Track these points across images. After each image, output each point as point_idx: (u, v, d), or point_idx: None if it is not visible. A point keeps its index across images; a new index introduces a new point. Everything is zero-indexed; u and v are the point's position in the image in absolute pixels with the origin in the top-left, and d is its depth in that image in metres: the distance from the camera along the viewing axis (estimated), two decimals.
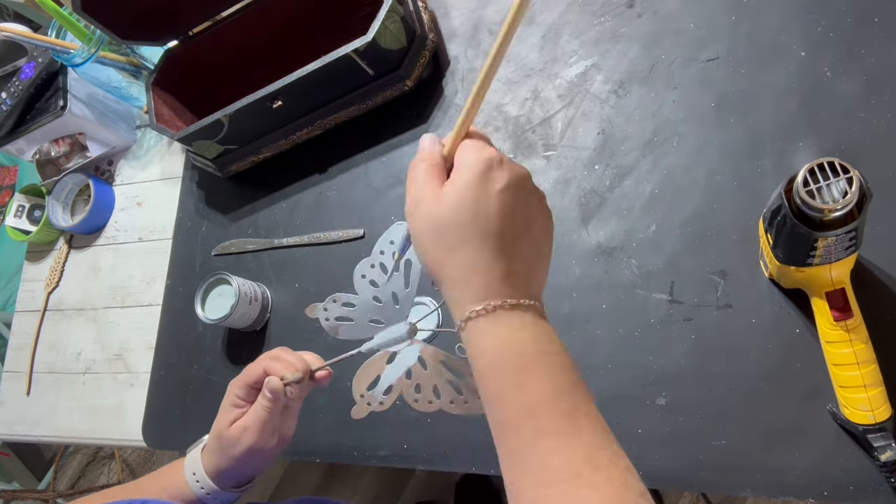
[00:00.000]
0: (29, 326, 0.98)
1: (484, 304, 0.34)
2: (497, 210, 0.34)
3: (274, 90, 0.73)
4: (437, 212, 0.35)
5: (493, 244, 0.34)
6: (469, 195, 0.34)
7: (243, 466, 0.50)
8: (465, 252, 0.34)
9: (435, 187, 0.36)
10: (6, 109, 0.92)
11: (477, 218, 0.34)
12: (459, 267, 0.34)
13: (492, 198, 0.34)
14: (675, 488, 0.59)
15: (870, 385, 0.49)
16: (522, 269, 0.35)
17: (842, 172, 0.43)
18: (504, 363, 0.33)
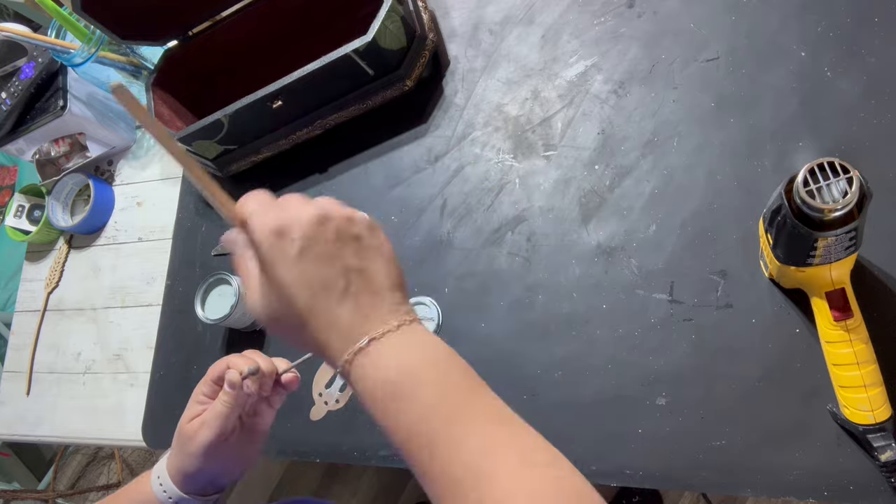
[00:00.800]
0: (29, 326, 0.98)
1: (342, 362, 0.35)
2: (305, 280, 0.35)
3: (274, 90, 0.73)
4: (262, 311, 0.36)
5: (322, 305, 0.35)
6: (271, 288, 0.35)
7: (205, 468, 0.48)
8: (304, 330, 0.35)
9: (250, 278, 0.36)
10: (6, 109, 0.92)
11: (292, 300, 0.35)
12: (309, 341, 0.36)
13: (293, 274, 0.35)
14: (675, 488, 0.59)
15: (870, 385, 0.49)
16: (366, 301, 0.36)
17: (842, 172, 0.43)
18: (377, 397, 0.34)
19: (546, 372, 0.64)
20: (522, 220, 0.70)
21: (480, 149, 0.75)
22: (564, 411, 0.63)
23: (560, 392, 0.63)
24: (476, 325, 0.69)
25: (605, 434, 0.61)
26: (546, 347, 0.65)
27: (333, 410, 0.51)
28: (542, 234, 0.69)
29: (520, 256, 0.69)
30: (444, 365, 0.35)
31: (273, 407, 0.51)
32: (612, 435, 0.60)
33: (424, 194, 0.76)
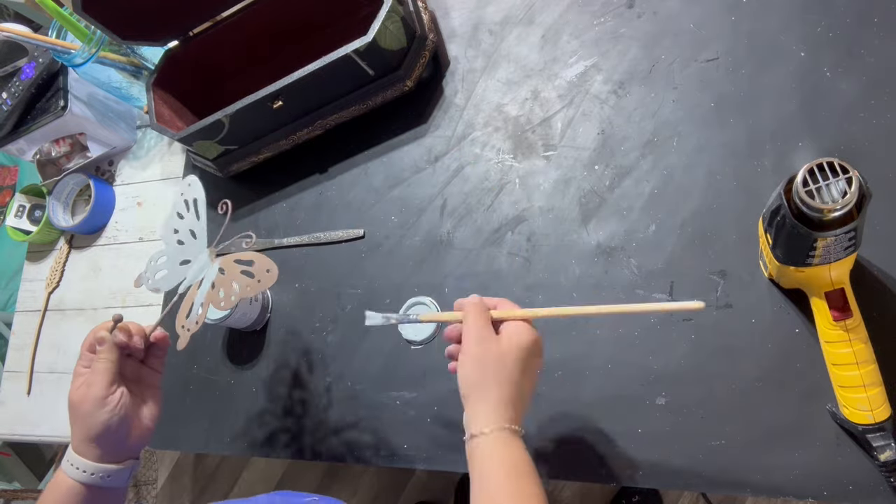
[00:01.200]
0: (29, 326, 0.98)
1: (497, 426, 0.46)
2: (527, 370, 0.49)
3: (274, 90, 0.73)
4: (501, 351, 0.48)
5: (514, 390, 0.48)
6: (523, 353, 0.49)
7: (104, 431, 0.50)
8: (508, 387, 0.48)
9: (492, 331, 0.50)
10: (7, 109, 0.92)
11: (524, 370, 0.49)
12: (494, 395, 0.47)
13: (529, 363, 0.49)
14: (675, 488, 0.59)
15: (869, 385, 0.49)
16: (521, 409, 0.49)
17: (841, 172, 0.43)
18: (499, 466, 0.45)
19: (546, 372, 0.64)
20: (522, 220, 0.70)
21: (480, 149, 0.75)
22: (564, 411, 0.63)
23: (560, 392, 0.63)
24: None
25: (605, 434, 0.61)
26: (546, 347, 0.65)
27: (196, 332, 0.55)
28: (542, 234, 0.69)
29: (520, 256, 0.69)
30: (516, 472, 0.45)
31: (155, 369, 0.57)
32: (612, 435, 0.60)
33: (424, 194, 0.76)
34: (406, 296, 0.72)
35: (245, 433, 0.76)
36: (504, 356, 0.48)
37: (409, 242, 0.75)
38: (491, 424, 0.46)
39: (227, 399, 0.79)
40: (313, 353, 0.76)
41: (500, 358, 0.48)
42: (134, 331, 0.54)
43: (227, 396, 0.79)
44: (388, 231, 0.76)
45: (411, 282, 0.73)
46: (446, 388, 0.68)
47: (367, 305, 0.75)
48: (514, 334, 0.49)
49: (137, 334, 0.55)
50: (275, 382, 0.77)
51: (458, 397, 0.48)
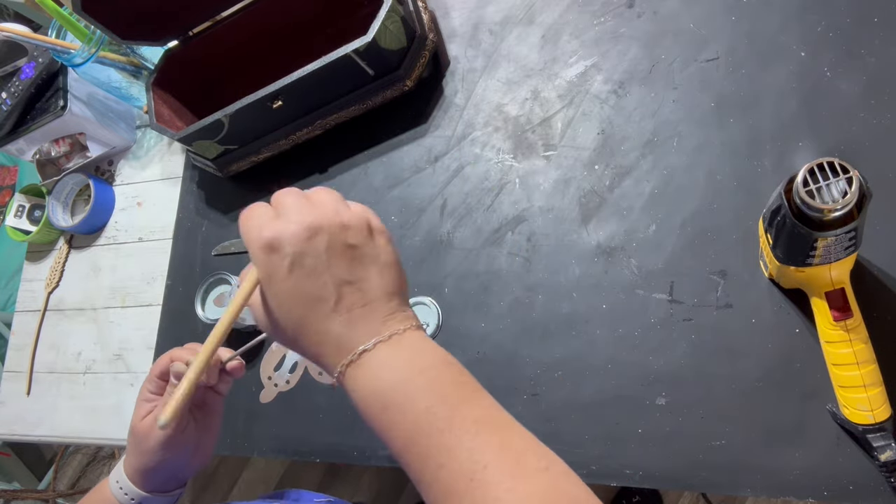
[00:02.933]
0: (29, 326, 0.98)
1: (336, 374, 0.36)
2: (297, 295, 0.36)
3: (274, 90, 0.73)
4: (261, 322, 0.38)
5: (313, 318, 0.36)
6: (268, 301, 0.36)
7: (163, 464, 0.47)
8: (299, 341, 0.37)
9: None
10: (6, 109, 0.92)
11: (286, 314, 0.36)
12: (306, 351, 0.37)
13: (284, 289, 0.36)
14: (675, 488, 0.59)
15: (869, 385, 0.49)
16: (357, 313, 0.36)
17: (841, 172, 0.43)
18: (370, 408, 0.35)
19: (546, 372, 0.64)
20: (522, 220, 0.70)
21: (480, 149, 0.75)
22: (564, 411, 0.63)
23: (560, 392, 0.63)
24: (476, 325, 0.69)
25: (605, 434, 0.61)
26: (546, 347, 0.65)
27: (284, 391, 0.51)
28: (542, 234, 0.69)
29: (520, 256, 0.69)
30: (435, 373, 0.35)
31: (221, 395, 0.52)
32: (612, 435, 0.60)
33: (424, 194, 0.76)
34: None
35: (245, 433, 0.76)
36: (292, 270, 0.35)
37: (409, 242, 0.75)
38: (332, 370, 0.36)
39: (227, 399, 0.78)
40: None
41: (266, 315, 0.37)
42: (212, 361, 0.48)
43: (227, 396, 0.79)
44: (389, 231, 0.76)
45: (411, 282, 0.73)
46: None
47: None
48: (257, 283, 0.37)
49: (213, 365, 0.49)
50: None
51: None
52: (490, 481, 0.31)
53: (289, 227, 0.36)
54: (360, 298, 0.36)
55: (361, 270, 0.37)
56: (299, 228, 0.36)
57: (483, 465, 0.31)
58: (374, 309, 0.36)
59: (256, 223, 0.37)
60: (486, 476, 0.31)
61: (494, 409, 0.34)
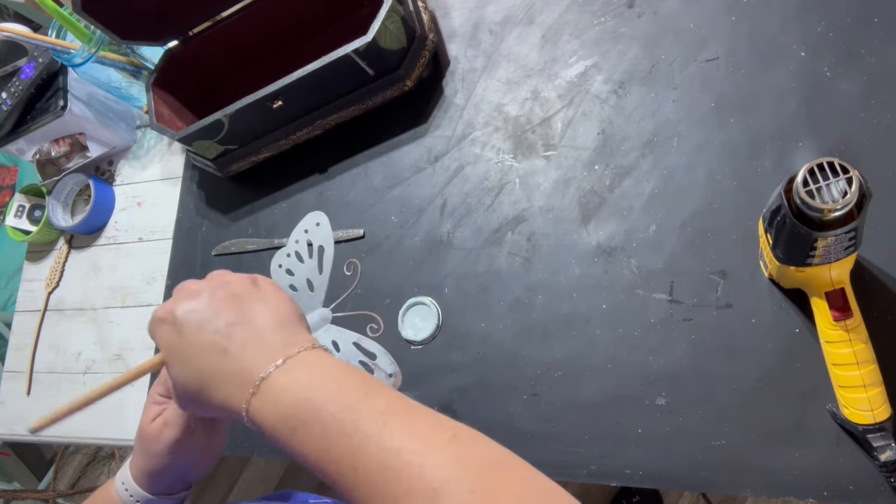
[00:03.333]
0: (29, 326, 0.98)
1: (242, 410, 0.36)
2: (191, 351, 0.38)
3: (274, 90, 0.73)
4: (176, 398, 0.41)
5: (213, 367, 0.37)
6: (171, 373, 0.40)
7: (171, 467, 0.47)
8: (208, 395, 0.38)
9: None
10: (6, 109, 0.92)
11: (189, 373, 0.38)
12: (216, 405, 0.38)
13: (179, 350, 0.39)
14: (675, 488, 0.59)
15: (869, 385, 0.49)
16: (251, 348, 0.37)
17: (841, 172, 0.43)
18: (280, 434, 0.35)
19: (546, 372, 0.64)
20: (522, 220, 0.70)
21: (480, 149, 0.75)
22: (564, 411, 0.63)
23: (560, 392, 0.63)
24: (476, 325, 0.69)
25: (605, 434, 0.61)
26: (546, 347, 0.65)
27: None
28: (542, 234, 0.69)
29: (520, 256, 0.69)
30: (334, 384, 0.35)
31: None
32: (612, 435, 0.60)
33: (424, 194, 0.76)
34: (406, 296, 0.72)
35: (245, 433, 0.76)
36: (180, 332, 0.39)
37: (409, 242, 0.75)
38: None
39: None
40: None
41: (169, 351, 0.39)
42: None
43: None
44: (388, 231, 0.76)
45: (411, 282, 0.73)
46: (447, 387, 0.68)
47: (367, 305, 0.75)
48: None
49: None
50: None
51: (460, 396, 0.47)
52: (403, 464, 0.31)
53: (175, 300, 0.40)
54: (250, 335, 0.38)
55: (248, 310, 0.39)
56: (183, 296, 0.40)
57: (394, 452, 0.32)
58: (266, 340, 0.38)
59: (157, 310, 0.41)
60: (399, 461, 0.31)
61: (397, 399, 0.35)
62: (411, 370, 0.70)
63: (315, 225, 0.52)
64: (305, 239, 0.53)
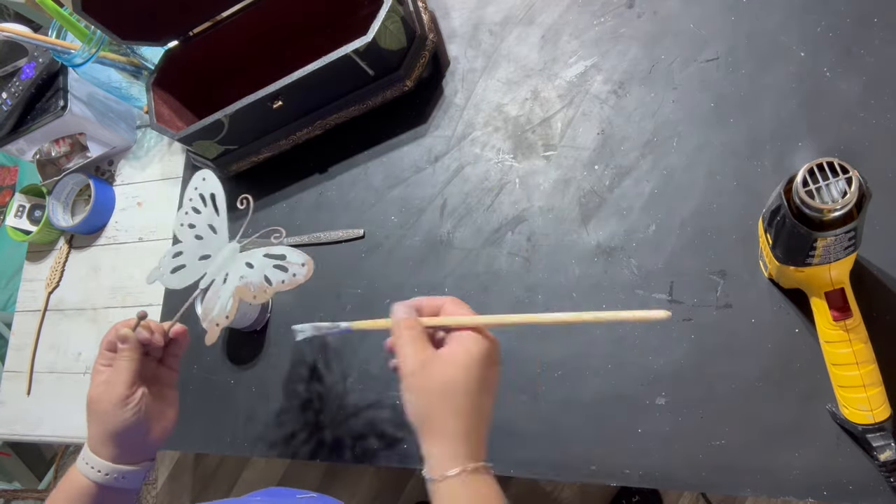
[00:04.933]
0: (29, 326, 0.98)
1: (462, 468, 0.41)
2: (484, 388, 0.43)
3: (274, 90, 0.73)
4: (446, 376, 0.43)
5: (472, 418, 0.42)
6: (475, 371, 0.42)
7: (122, 427, 0.50)
8: (465, 418, 0.42)
9: (431, 350, 0.44)
10: (7, 109, 0.92)
11: (481, 390, 0.43)
12: (449, 429, 0.42)
13: (485, 378, 0.43)
14: (675, 488, 0.59)
15: (869, 385, 0.49)
16: (484, 433, 0.43)
17: (841, 172, 0.43)
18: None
19: (546, 372, 0.64)
20: (522, 220, 0.70)
21: (480, 149, 0.75)
22: (564, 411, 0.63)
23: (560, 392, 0.63)
24: None
25: (605, 434, 0.61)
26: (546, 347, 0.65)
27: (225, 326, 0.55)
28: (542, 234, 0.69)
29: (520, 256, 0.69)
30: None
31: (172, 368, 0.57)
32: (612, 435, 0.60)
33: (424, 194, 0.76)
34: (406, 296, 0.72)
35: (245, 433, 0.76)
36: (452, 381, 0.42)
37: (409, 242, 0.75)
38: (452, 466, 0.41)
39: (227, 399, 0.79)
40: (314, 353, 0.76)
41: (448, 384, 0.42)
42: (154, 328, 0.54)
43: (227, 396, 0.79)
44: (388, 231, 0.76)
45: (411, 282, 0.73)
46: None
47: (367, 305, 0.75)
48: (460, 351, 0.43)
49: (157, 332, 0.54)
50: (275, 383, 0.77)
51: None
52: None
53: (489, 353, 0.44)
54: (487, 419, 0.44)
55: (489, 398, 0.44)
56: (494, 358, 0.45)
57: None
58: (485, 431, 0.44)
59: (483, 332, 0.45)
60: None
61: None
62: None
63: (202, 180, 0.59)
64: (197, 194, 0.58)
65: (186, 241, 0.61)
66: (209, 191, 0.60)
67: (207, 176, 0.60)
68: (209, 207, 0.60)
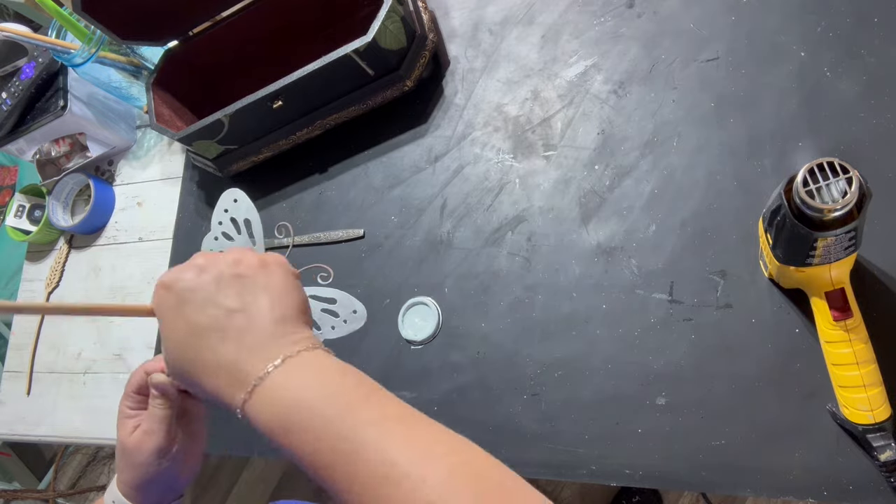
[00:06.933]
0: (29, 326, 0.98)
1: (236, 407, 0.36)
2: (187, 327, 0.38)
3: (274, 90, 0.73)
4: (167, 365, 0.40)
5: (206, 348, 0.37)
6: (165, 340, 0.39)
7: (157, 476, 0.47)
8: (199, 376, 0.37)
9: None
10: (7, 109, 0.92)
11: (181, 348, 0.38)
12: (207, 387, 0.37)
13: (176, 323, 0.38)
14: (675, 488, 0.59)
15: (869, 385, 0.49)
16: (249, 339, 0.37)
17: (841, 172, 0.43)
18: (275, 434, 0.35)
19: (546, 372, 0.64)
20: (522, 220, 0.70)
21: (480, 149, 0.75)
22: (564, 411, 0.63)
23: (560, 392, 0.63)
24: (476, 325, 0.69)
25: (605, 434, 0.61)
26: (546, 347, 0.65)
27: None
28: (542, 234, 0.69)
29: (520, 256, 0.69)
30: (332, 386, 0.35)
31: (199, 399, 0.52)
32: (612, 435, 0.60)
33: (424, 194, 0.76)
34: (406, 296, 0.72)
35: (245, 433, 0.76)
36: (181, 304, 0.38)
37: (409, 242, 0.75)
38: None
39: None
40: None
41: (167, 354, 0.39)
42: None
43: None
44: (388, 231, 0.76)
45: (411, 282, 0.73)
46: (446, 387, 0.68)
47: (367, 305, 0.75)
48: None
49: None
50: None
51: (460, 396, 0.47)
52: (401, 475, 0.31)
53: (183, 269, 0.40)
54: (250, 326, 0.37)
55: (250, 297, 0.38)
56: (189, 267, 0.40)
57: (391, 462, 0.31)
58: (266, 334, 0.37)
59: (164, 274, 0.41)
60: (396, 471, 0.31)
61: (397, 405, 0.35)
62: (411, 370, 0.70)
63: (233, 202, 0.52)
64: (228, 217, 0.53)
65: None
66: (242, 216, 0.53)
67: (239, 197, 0.53)
68: (243, 235, 0.54)
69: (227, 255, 0.40)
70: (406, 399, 0.70)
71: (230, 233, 0.52)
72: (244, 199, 0.51)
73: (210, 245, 0.53)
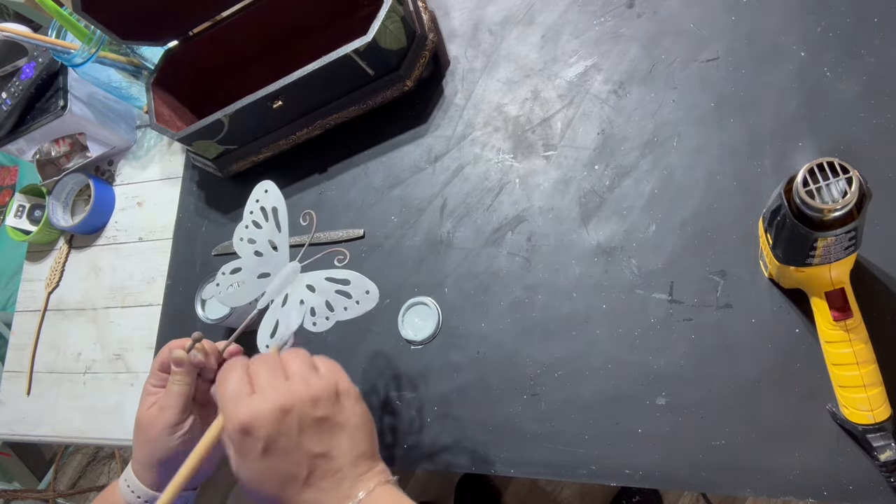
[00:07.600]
0: (29, 326, 0.98)
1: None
2: (271, 475, 0.39)
3: (274, 90, 0.73)
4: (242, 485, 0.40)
5: (288, 495, 0.39)
6: (243, 475, 0.40)
7: (169, 454, 0.48)
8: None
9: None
10: (6, 109, 0.92)
11: (262, 489, 0.39)
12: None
13: (261, 469, 0.39)
14: (675, 488, 0.59)
15: (869, 385, 0.49)
16: (326, 484, 0.39)
17: (841, 172, 0.43)
18: None
19: (546, 372, 0.64)
20: (522, 220, 0.70)
21: (480, 149, 0.75)
22: (564, 411, 0.63)
23: (560, 392, 0.63)
24: (476, 325, 0.69)
25: (605, 434, 0.61)
26: (546, 347, 0.65)
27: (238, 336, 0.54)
28: (542, 234, 0.69)
29: (520, 256, 0.69)
30: None
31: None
32: (612, 435, 0.60)
33: (424, 194, 0.76)
34: (406, 296, 0.72)
35: None
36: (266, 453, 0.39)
37: (409, 242, 0.75)
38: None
39: None
40: (313, 353, 0.76)
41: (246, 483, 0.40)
42: (209, 350, 0.51)
43: None
44: (388, 231, 0.76)
45: (411, 282, 0.73)
46: (446, 387, 0.68)
47: None
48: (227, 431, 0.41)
49: (212, 354, 0.52)
50: None
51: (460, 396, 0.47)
52: None
53: (263, 408, 0.39)
54: (330, 468, 0.39)
55: (331, 440, 0.40)
56: (272, 410, 0.39)
57: None
58: (344, 475, 0.39)
59: (233, 396, 0.41)
60: None
61: None
62: (411, 370, 0.70)
63: (264, 192, 0.55)
64: (258, 207, 0.55)
65: (245, 258, 0.57)
66: (271, 204, 0.55)
67: (269, 188, 0.54)
68: (271, 222, 0.56)
69: (303, 390, 0.41)
70: (406, 399, 0.71)
71: (259, 221, 0.55)
72: (273, 190, 0.54)
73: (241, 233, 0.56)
